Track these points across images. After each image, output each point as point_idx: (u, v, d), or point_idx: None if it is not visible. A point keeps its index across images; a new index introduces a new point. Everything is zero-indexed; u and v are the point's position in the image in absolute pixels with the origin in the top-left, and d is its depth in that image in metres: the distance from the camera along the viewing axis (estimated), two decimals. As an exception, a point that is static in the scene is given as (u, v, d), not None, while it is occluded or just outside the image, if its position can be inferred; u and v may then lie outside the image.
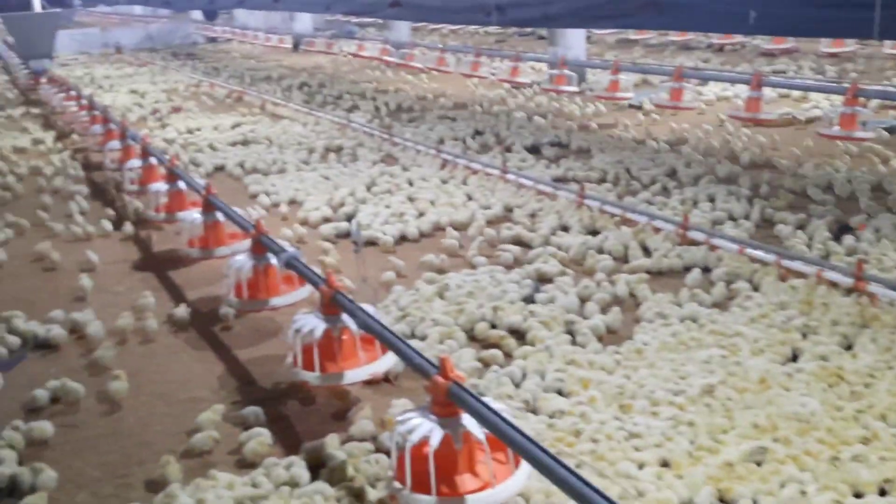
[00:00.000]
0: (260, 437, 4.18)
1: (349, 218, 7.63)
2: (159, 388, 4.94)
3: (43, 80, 18.45)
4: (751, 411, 4.09)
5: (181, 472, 3.98)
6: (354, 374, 4.34)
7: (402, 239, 7.14)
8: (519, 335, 5.15)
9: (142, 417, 4.63)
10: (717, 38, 17.39)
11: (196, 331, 5.71)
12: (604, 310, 5.41)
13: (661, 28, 14.85)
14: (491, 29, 23.36)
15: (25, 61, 20.01)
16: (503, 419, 3.16)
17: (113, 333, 5.71)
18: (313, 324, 4.38)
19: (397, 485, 3.39)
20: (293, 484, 3.79)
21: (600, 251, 6.44)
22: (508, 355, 4.90)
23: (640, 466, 3.71)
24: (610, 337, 5.12)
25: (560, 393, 4.43)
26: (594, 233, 6.82)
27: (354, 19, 26.68)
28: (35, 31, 18.92)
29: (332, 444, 4.04)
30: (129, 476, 4.09)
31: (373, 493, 3.70)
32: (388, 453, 3.85)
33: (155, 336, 5.64)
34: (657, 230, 6.62)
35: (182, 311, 5.81)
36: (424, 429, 3.34)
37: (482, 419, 3.22)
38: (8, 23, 19.98)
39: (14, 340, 5.56)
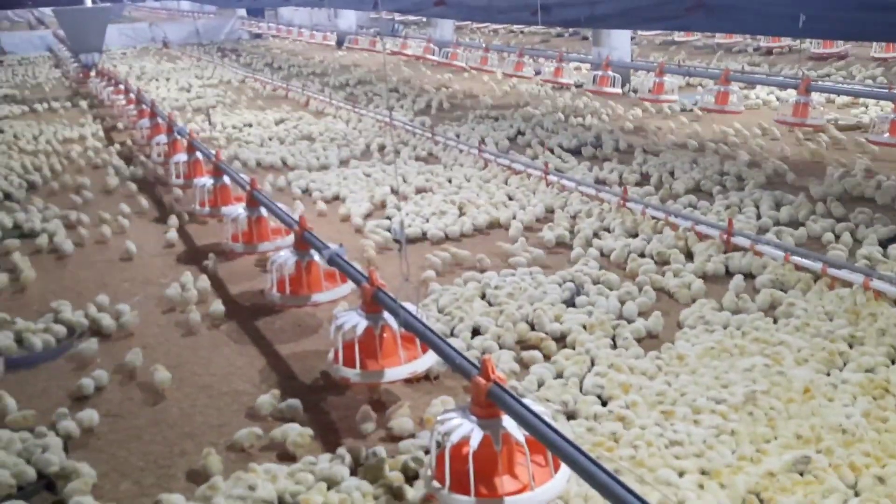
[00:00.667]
0: (300, 432, 4.22)
1: (391, 216, 7.67)
2: (202, 380, 5.01)
3: (92, 73, 18.75)
4: (794, 421, 4.04)
5: (222, 463, 4.04)
6: (395, 373, 4.36)
7: (443, 238, 7.14)
8: (559, 338, 5.14)
9: (184, 409, 4.69)
10: (764, 42, 17.15)
11: (238, 324, 5.78)
12: (645, 314, 5.37)
13: (708, 30, 14.64)
14: (534, 29, 23.28)
15: (76, 55, 20.36)
16: (543, 421, 3.15)
17: (158, 325, 5.82)
18: (355, 321, 4.40)
19: (436, 484, 3.40)
20: (332, 479, 3.82)
21: (642, 255, 6.40)
22: (548, 358, 4.89)
23: (681, 474, 3.68)
24: (651, 342, 5.08)
25: (600, 398, 4.41)
26: (636, 236, 6.77)
27: (398, 17, 26.75)
28: (86, 26, 19.20)
29: (370, 438, 4.08)
30: (172, 467, 4.15)
31: (411, 492, 3.72)
32: (427, 451, 3.86)
33: (197, 329, 5.72)
34: (701, 235, 6.55)
35: (218, 306, 5.90)
36: (464, 429, 3.35)
37: (522, 421, 3.21)
38: (60, 17, 20.33)
39: (60, 329, 5.66)
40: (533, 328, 5.27)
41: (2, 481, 3.90)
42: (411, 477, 3.84)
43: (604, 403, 4.35)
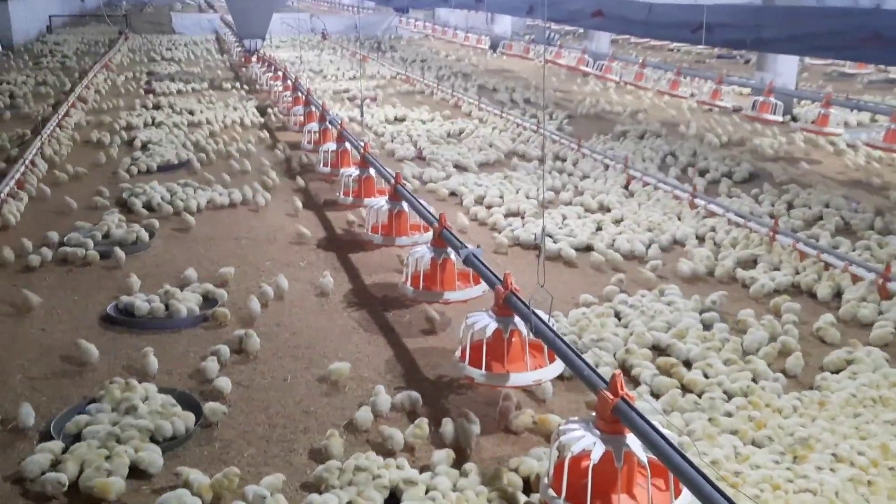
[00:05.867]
0: (419, 425, 4.25)
1: (528, 223, 7.64)
2: (331, 363, 5.09)
3: (253, 58, 19.56)
4: (938, 483, 3.77)
5: (343, 446, 4.11)
6: (520, 378, 4.32)
7: (583, 251, 7.04)
8: (692, 365, 4.97)
9: (311, 389, 4.81)
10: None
11: (369, 314, 5.88)
12: (786, 353, 5.13)
13: (885, 63, 13.86)
14: (694, 48, 22.75)
15: (240, 40, 21.30)
16: (669, 443, 3.05)
17: (296, 305, 6.00)
18: (485, 322, 4.40)
19: (552, 493, 3.35)
20: (446, 476, 3.83)
21: (788, 291, 6.12)
22: (680, 384, 4.74)
23: (808, 522, 3.51)
24: (790, 382, 4.84)
25: (729, 431, 4.24)
26: (783, 271, 6.48)
27: (555, 26, 26.67)
28: (253, 12, 20.04)
29: (484, 442, 4.08)
30: (295, 441, 4.26)
31: (523, 499, 3.69)
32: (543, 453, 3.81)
33: (331, 315, 5.86)
34: (855, 277, 6.20)
35: (328, 281, 6.25)
36: (586, 442, 3.29)
37: (647, 440, 3.12)
38: (230, 2, 21.34)
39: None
40: (665, 353, 5.13)
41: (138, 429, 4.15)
42: (523, 484, 3.81)
43: (733, 438, 4.18)
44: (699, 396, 4.57)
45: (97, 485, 3.78)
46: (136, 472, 3.94)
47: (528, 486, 3.81)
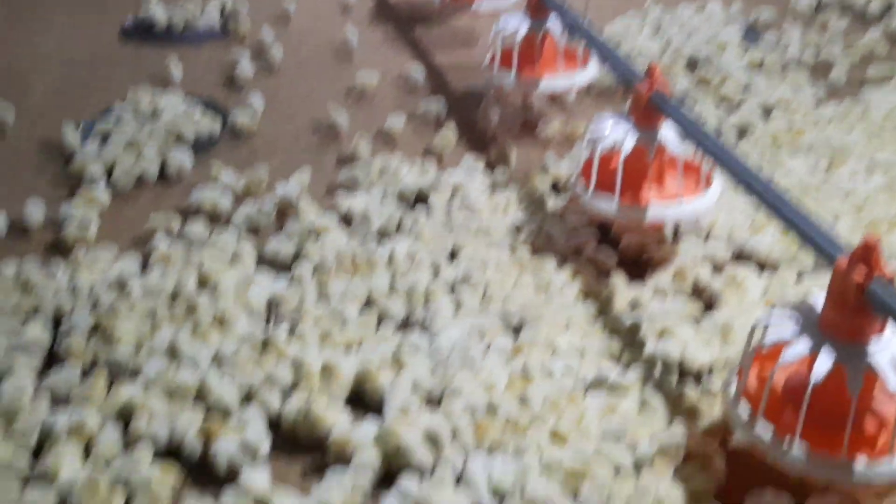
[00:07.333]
0: (445, 132, 4.20)
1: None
2: (353, 78, 4.96)
3: None
4: (975, 188, 3.71)
5: (371, 151, 4.10)
6: (552, 83, 4.19)
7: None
8: (728, 75, 4.79)
9: (338, 100, 4.69)
10: None
11: (395, 29, 5.67)
12: (829, 65, 4.91)
13: None
14: None
15: None
16: (705, 133, 2.95)
17: (320, 19, 5.78)
18: (517, 24, 4.20)
19: (580, 186, 3.33)
20: (475, 177, 3.83)
21: (837, 6, 5.78)
22: (717, 95, 4.59)
23: (836, 217, 3.50)
24: (831, 92, 4.67)
25: (767, 139, 4.15)
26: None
27: None
28: None
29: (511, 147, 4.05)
30: (322, 148, 4.25)
31: (552, 201, 3.69)
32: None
33: (356, 29, 5.65)
34: (910, -11, 5.82)
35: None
36: (618, 135, 3.21)
37: (683, 128, 3.02)
38: None
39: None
40: (703, 66, 4.93)
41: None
42: (552, 186, 3.82)
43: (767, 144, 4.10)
44: (736, 107, 4.45)
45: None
46: (165, 175, 3.97)
47: (557, 189, 3.81)
